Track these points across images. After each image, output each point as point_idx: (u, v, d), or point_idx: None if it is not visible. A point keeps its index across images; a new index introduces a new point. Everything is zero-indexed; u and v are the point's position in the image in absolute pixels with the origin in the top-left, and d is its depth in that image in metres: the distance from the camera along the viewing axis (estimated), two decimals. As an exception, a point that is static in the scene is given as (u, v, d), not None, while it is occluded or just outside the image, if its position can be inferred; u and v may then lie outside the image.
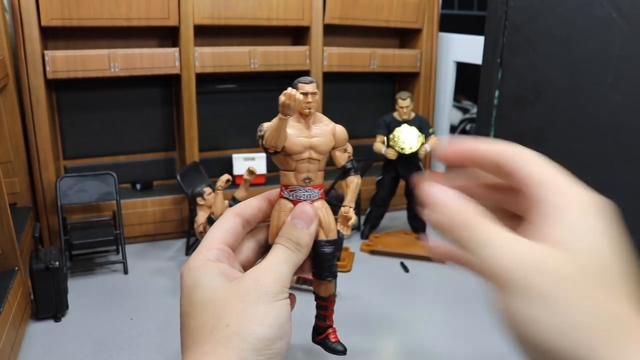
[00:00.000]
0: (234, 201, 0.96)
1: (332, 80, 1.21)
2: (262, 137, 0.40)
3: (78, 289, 0.89)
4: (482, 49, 0.94)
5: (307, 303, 0.52)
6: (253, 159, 1.18)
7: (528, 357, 0.27)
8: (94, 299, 0.87)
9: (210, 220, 0.90)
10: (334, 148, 0.42)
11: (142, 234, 1.09)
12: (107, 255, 1.01)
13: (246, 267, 0.39)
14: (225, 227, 0.40)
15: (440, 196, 0.30)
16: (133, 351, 0.73)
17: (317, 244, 0.41)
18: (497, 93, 0.88)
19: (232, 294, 0.34)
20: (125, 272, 0.96)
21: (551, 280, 0.25)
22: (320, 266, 0.42)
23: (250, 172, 0.94)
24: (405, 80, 1.33)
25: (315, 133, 0.41)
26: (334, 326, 0.46)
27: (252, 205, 0.42)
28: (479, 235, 0.28)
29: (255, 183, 1.12)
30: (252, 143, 1.23)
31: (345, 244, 1.08)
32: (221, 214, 0.89)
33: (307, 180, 0.41)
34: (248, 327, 0.33)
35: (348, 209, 0.43)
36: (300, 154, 0.40)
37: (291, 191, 0.41)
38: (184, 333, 0.35)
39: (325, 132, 0.41)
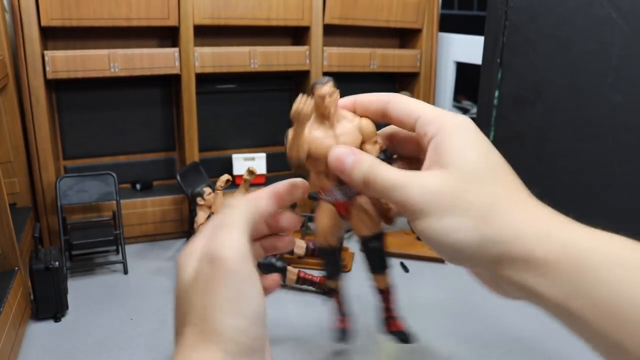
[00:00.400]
0: (234, 201, 0.96)
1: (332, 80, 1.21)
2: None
3: (78, 289, 0.89)
4: (482, 49, 0.94)
5: (307, 303, 0.52)
6: (253, 159, 1.18)
7: (457, 264, 0.32)
8: (94, 299, 0.87)
9: (210, 221, 0.90)
10: (363, 142, 0.41)
11: (142, 234, 1.09)
12: (107, 256, 1.01)
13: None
14: (246, 206, 0.38)
15: (346, 159, 0.36)
16: (133, 351, 0.73)
17: (364, 241, 0.42)
18: (497, 93, 0.88)
19: (197, 284, 0.33)
20: (125, 272, 0.96)
21: (439, 195, 0.32)
22: (372, 261, 0.43)
23: (250, 172, 0.94)
24: (405, 80, 1.33)
25: (340, 132, 0.39)
26: (396, 315, 0.46)
27: (279, 185, 0.40)
28: (383, 184, 0.34)
29: (255, 183, 1.12)
30: (252, 143, 1.23)
31: (345, 244, 1.08)
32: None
33: (339, 180, 0.41)
34: (220, 320, 0.31)
35: (385, 201, 0.42)
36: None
37: (327, 193, 0.41)
38: (174, 322, 0.35)
39: (350, 129, 0.40)
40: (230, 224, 0.34)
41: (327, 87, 0.38)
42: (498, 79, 0.89)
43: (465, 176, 0.32)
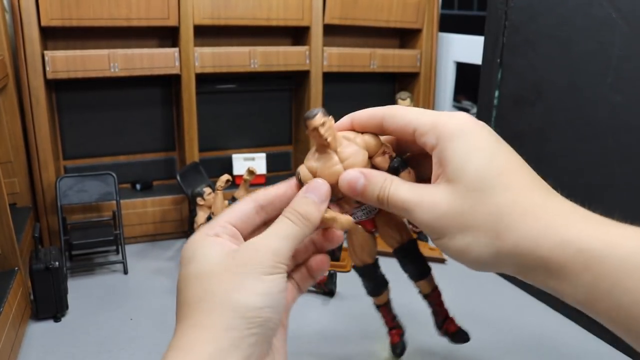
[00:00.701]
0: (233, 201, 0.96)
1: (332, 80, 1.21)
2: (300, 181, 0.39)
3: (78, 289, 0.89)
4: (482, 49, 0.94)
5: (305, 302, 0.52)
6: (253, 159, 1.18)
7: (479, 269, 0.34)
8: (94, 299, 0.87)
9: (210, 221, 0.90)
10: (371, 157, 0.40)
11: (142, 234, 1.09)
12: (107, 256, 1.01)
13: None
14: (235, 209, 0.39)
15: (357, 182, 0.37)
16: (133, 351, 0.73)
17: (396, 252, 0.42)
18: (497, 93, 0.88)
19: (223, 266, 0.33)
20: (125, 272, 0.96)
21: (448, 217, 0.32)
22: (409, 268, 0.43)
23: (250, 172, 0.94)
24: (405, 80, 1.33)
25: (345, 156, 0.38)
26: (450, 316, 0.47)
27: (269, 191, 0.40)
28: (397, 204, 0.35)
29: (255, 183, 1.12)
30: (252, 143, 1.23)
31: (344, 245, 1.08)
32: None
33: (356, 202, 0.40)
34: (234, 297, 0.32)
35: None
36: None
37: (353, 214, 0.41)
38: (177, 308, 0.35)
39: (355, 149, 0.39)
40: (284, 234, 0.35)
41: (317, 118, 0.37)
42: (498, 79, 0.89)
43: (470, 189, 0.31)
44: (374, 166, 0.40)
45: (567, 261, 0.29)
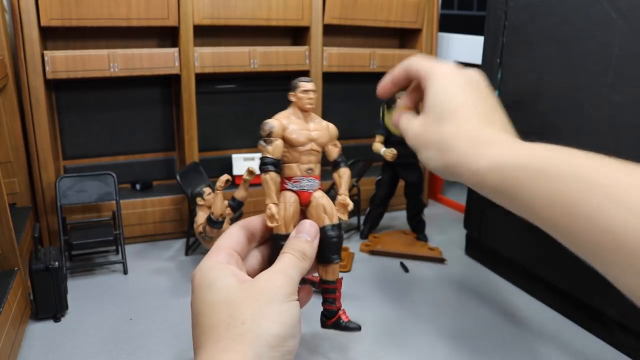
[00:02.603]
0: (233, 201, 0.96)
1: (331, 80, 1.21)
2: (269, 134, 0.47)
3: (78, 289, 0.89)
4: (482, 49, 0.94)
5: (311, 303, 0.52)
6: (253, 159, 1.18)
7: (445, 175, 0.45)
8: (94, 299, 0.87)
9: (210, 220, 0.90)
10: (326, 142, 0.48)
11: (141, 234, 1.09)
12: (107, 256, 1.01)
13: (252, 276, 0.41)
14: (232, 236, 0.46)
15: (396, 120, 0.53)
16: (133, 351, 0.73)
17: (323, 230, 0.45)
18: (496, 93, 0.88)
19: (246, 294, 0.36)
20: (125, 272, 0.96)
21: (418, 136, 0.46)
22: (327, 249, 0.46)
23: (250, 172, 0.94)
24: (405, 81, 1.33)
25: (314, 128, 0.46)
26: (342, 307, 0.49)
27: (255, 220, 0.47)
28: (402, 127, 0.50)
29: (255, 183, 1.12)
30: (251, 143, 1.23)
31: (345, 244, 1.08)
32: (221, 214, 0.89)
33: (309, 171, 0.46)
34: (263, 325, 0.35)
35: (344, 197, 0.48)
36: (304, 146, 0.45)
37: (295, 182, 0.45)
38: (197, 332, 0.37)
39: (322, 127, 0.47)
40: (293, 265, 0.41)
41: (310, 84, 0.45)
42: (498, 79, 0.89)
43: (432, 119, 0.44)
44: (324, 151, 0.49)
45: (488, 175, 0.39)
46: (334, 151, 0.49)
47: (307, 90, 0.44)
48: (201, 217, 0.94)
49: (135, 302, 0.86)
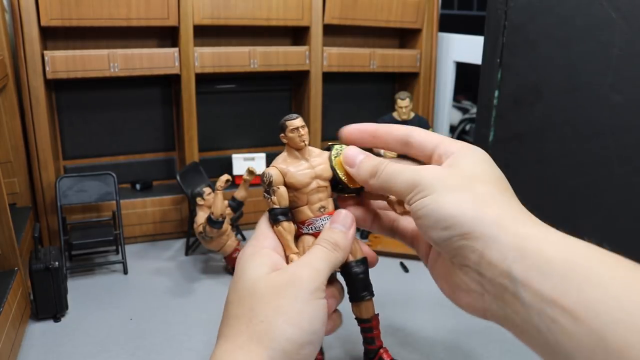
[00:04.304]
0: (233, 201, 0.96)
1: (331, 80, 1.21)
2: (269, 184, 0.41)
3: (78, 289, 0.89)
4: (482, 49, 0.94)
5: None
6: (253, 159, 1.18)
7: (436, 241, 0.35)
8: (94, 299, 0.87)
9: (210, 220, 0.90)
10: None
11: (141, 234, 1.09)
12: (107, 256, 1.01)
13: None
14: (269, 236, 0.41)
15: (359, 155, 0.41)
16: (133, 351, 0.73)
17: (347, 267, 0.42)
18: (496, 93, 0.88)
19: (270, 287, 0.35)
20: (125, 272, 0.96)
21: (448, 179, 0.35)
22: (355, 286, 0.42)
23: (250, 172, 0.94)
24: (405, 81, 1.33)
25: (316, 163, 0.42)
26: (384, 346, 0.45)
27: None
28: (391, 171, 0.38)
29: (255, 183, 1.12)
30: (251, 143, 1.23)
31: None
32: (221, 214, 0.89)
33: (322, 209, 0.42)
34: (280, 326, 0.33)
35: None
36: (309, 185, 0.41)
37: (309, 225, 0.42)
38: (224, 319, 0.36)
39: (323, 159, 0.43)
40: (322, 257, 0.38)
41: (298, 121, 0.41)
42: (498, 79, 0.89)
43: (470, 174, 0.35)
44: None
45: (544, 248, 0.30)
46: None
47: (296, 127, 0.41)
48: (201, 217, 0.94)
49: (135, 302, 0.86)
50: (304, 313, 0.34)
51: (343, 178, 0.42)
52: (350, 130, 0.42)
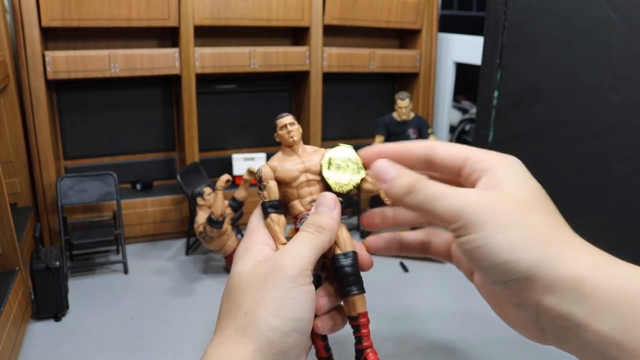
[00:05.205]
0: (234, 201, 0.96)
1: (331, 80, 1.21)
2: (260, 180, 0.42)
3: (78, 288, 0.89)
4: (482, 49, 0.94)
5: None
6: (253, 159, 1.18)
7: (491, 282, 0.32)
8: (94, 299, 0.87)
9: (210, 220, 0.90)
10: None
11: (142, 234, 1.09)
12: (108, 255, 1.01)
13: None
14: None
15: (391, 169, 0.36)
16: (133, 351, 0.73)
17: (333, 259, 0.41)
18: (496, 93, 0.88)
19: (253, 280, 0.35)
20: (126, 272, 0.96)
21: (497, 210, 0.31)
22: (342, 282, 0.41)
23: (250, 172, 0.94)
24: (404, 81, 1.33)
25: (306, 158, 0.42)
26: (372, 347, 0.44)
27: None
28: (431, 192, 0.33)
29: (255, 183, 1.12)
30: (251, 143, 1.24)
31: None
32: (221, 214, 0.89)
33: (312, 203, 0.42)
34: (262, 317, 0.33)
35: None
36: (298, 179, 0.42)
37: (301, 219, 0.42)
38: (218, 316, 0.36)
39: (316, 154, 0.43)
40: (304, 242, 0.36)
41: (287, 118, 0.42)
42: (497, 80, 0.89)
43: (521, 201, 0.32)
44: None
45: (602, 284, 0.29)
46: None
47: (285, 125, 0.42)
48: (201, 217, 0.94)
49: (135, 302, 0.86)
50: (285, 301, 0.33)
51: (335, 188, 0.41)
52: (368, 153, 0.40)
